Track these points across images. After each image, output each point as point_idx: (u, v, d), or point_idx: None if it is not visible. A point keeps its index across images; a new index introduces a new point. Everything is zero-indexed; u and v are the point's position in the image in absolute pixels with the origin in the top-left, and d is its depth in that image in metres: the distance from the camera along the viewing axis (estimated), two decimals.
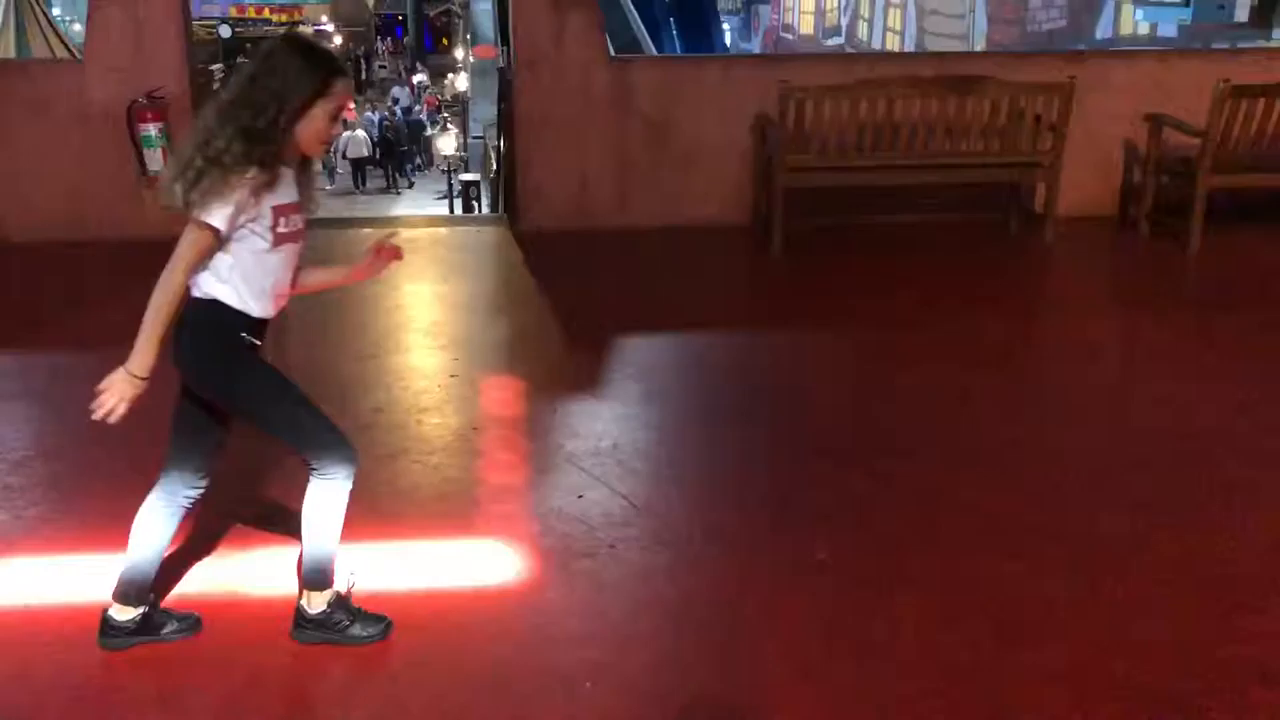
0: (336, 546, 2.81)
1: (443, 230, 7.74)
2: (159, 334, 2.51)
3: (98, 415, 2.51)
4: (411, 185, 28.15)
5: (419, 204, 24.44)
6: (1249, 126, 6.37)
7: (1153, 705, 2.64)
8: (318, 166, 2.89)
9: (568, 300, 5.75)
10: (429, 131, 30.19)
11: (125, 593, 2.84)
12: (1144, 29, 13.38)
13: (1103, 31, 14.50)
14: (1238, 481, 3.77)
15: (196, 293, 2.60)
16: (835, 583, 3.19)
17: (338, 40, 43.04)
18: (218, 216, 2.47)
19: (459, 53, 36.03)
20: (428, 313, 5.78)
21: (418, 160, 29.64)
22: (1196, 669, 2.77)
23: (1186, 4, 11.39)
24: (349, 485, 2.73)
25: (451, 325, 5.63)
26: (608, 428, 4.23)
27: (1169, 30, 12.68)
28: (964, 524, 3.50)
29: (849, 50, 20.57)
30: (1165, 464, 3.93)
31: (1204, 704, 2.65)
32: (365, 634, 2.86)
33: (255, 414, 2.72)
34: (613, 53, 7.49)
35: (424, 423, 4.31)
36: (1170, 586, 3.14)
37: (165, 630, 2.90)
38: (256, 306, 2.63)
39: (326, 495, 2.73)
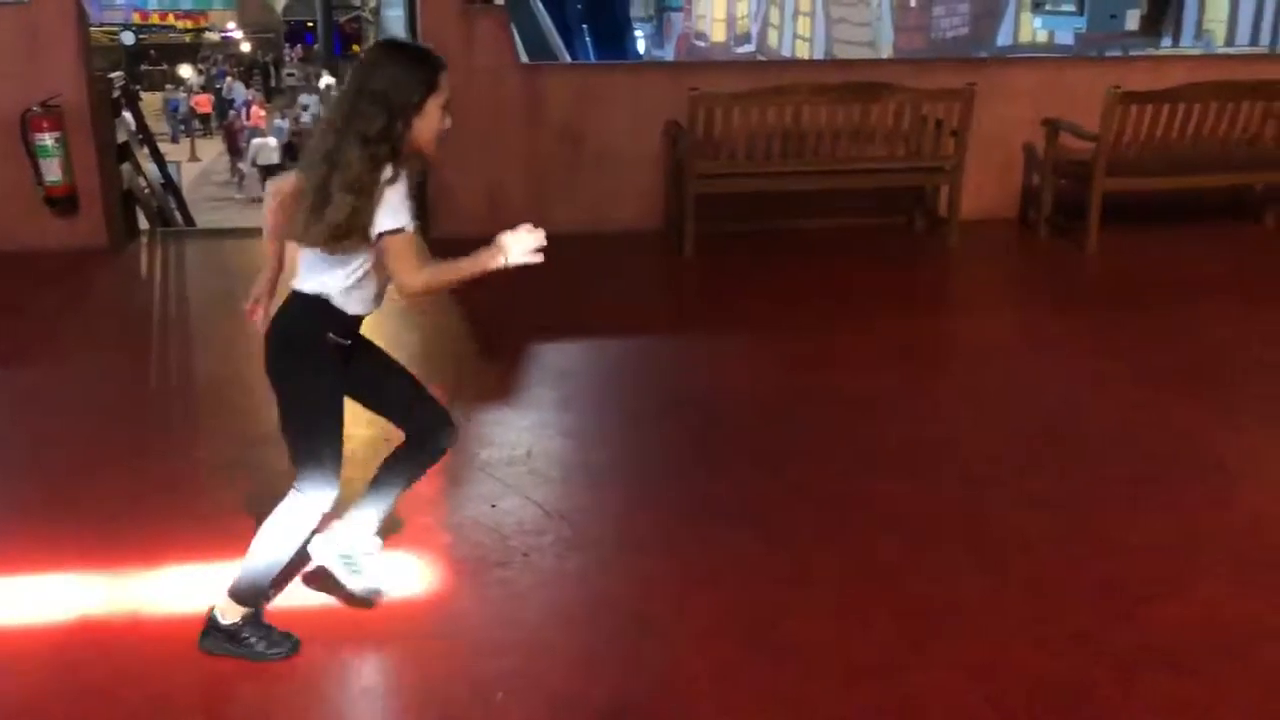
0: (275, 571, 2.81)
1: None
2: (463, 269, 2.64)
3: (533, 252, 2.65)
4: None
5: None
6: (1140, 131, 6.62)
7: (1056, 692, 2.73)
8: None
9: (481, 308, 5.72)
10: None
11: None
12: (1042, 36, 13.77)
13: (1004, 39, 14.88)
14: (1138, 476, 3.92)
15: (305, 287, 2.65)
16: (748, 582, 3.23)
17: (246, 47, 42.25)
18: (402, 215, 2.52)
19: None
20: None
21: None
22: (1097, 657, 2.87)
23: (1081, 13, 11.77)
24: (317, 519, 2.77)
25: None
26: (522, 435, 4.23)
27: (1066, 38, 13.08)
28: (873, 522, 3.57)
29: (761, 58, 20.81)
30: (1066, 460, 4.05)
31: (1105, 692, 2.75)
32: (272, 652, 2.82)
33: (288, 409, 2.74)
34: (526, 59, 7.49)
35: None
36: (1071, 579, 3.25)
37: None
38: (360, 305, 2.69)
39: (294, 516, 2.75)
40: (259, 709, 2.70)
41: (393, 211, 2.53)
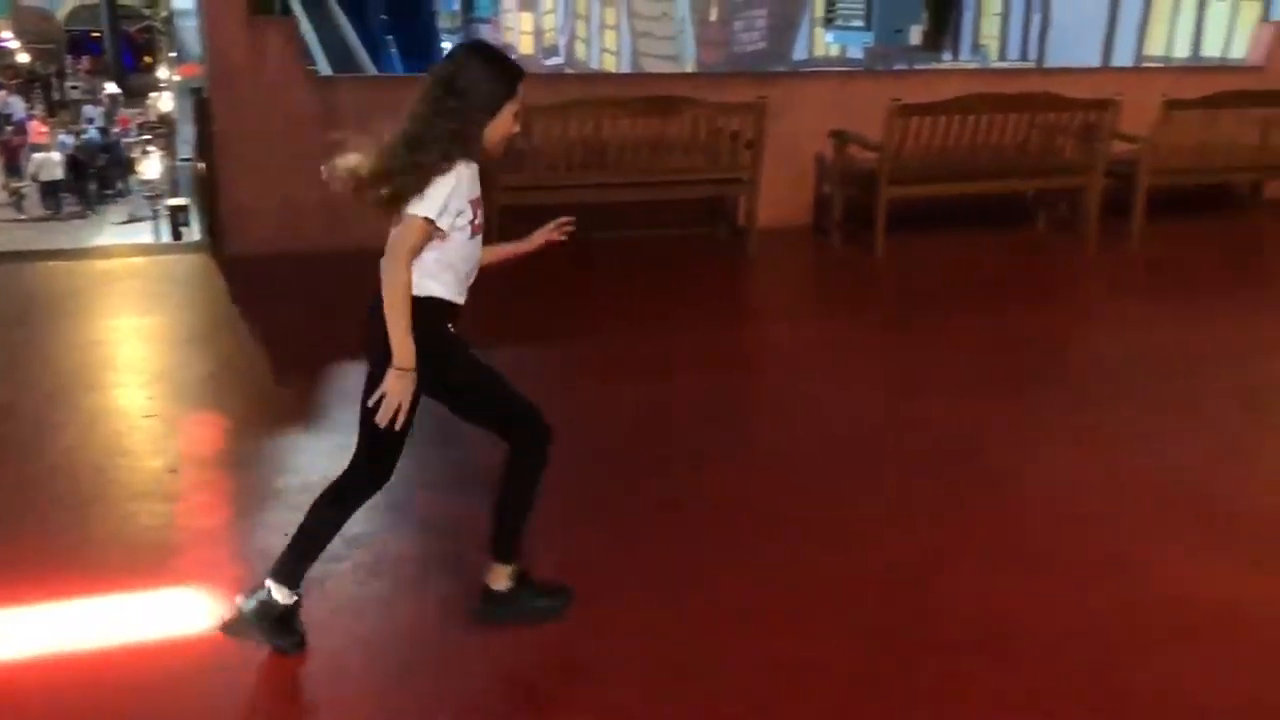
0: (525, 520, 3.02)
1: (140, 260, 7.28)
2: (405, 325, 2.70)
3: (384, 420, 2.72)
4: (101, 209, 26.14)
5: (123, 232, 22.83)
6: (919, 141, 6.99)
7: (934, 663, 2.85)
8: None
9: (276, 328, 5.54)
10: (130, 153, 28.28)
11: (293, 572, 2.92)
12: (835, 50, 14.42)
13: (800, 53, 15.51)
14: (917, 473, 4.12)
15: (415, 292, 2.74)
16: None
17: (24, 58, 39.53)
18: (433, 208, 2.67)
19: (163, 71, 33.92)
20: (124, 348, 5.42)
21: (119, 185, 27.66)
22: (967, 629, 3.03)
23: (869, 28, 12.37)
24: (547, 457, 2.97)
25: (150, 360, 5.30)
26: (319, 460, 4.09)
27: (857, 53, 13.72)
28: (668, 532, 3.64)
29: (569, 71, 20.97)
30: (848, 459, 4.23)
31: (976, 660, 2.90)
32: (550, 605, 3.06)
33: (464, 399, 2.93)
34: (330, 71, 7.30)
35: (120, 467, 4.04)
36: (857, 568, 3.39)
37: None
38: (459, 295, 2.84)
39: (526, 467, 2.96)
40: None
41: (429, 200, 2.67)
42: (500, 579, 3.04)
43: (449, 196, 2.68)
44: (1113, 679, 2.89)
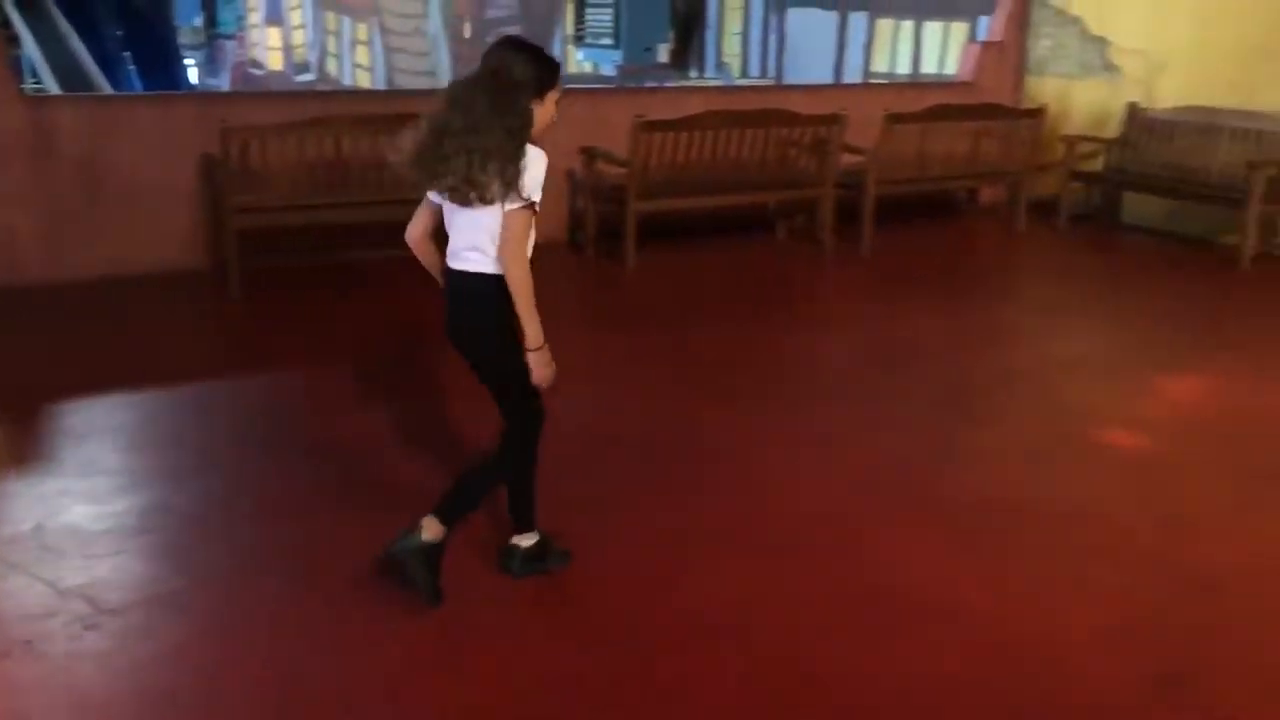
0: (533, 486, 3.35)
1: None
2: (534, 309, 3.02)
3: (546, 382, 3.13)
4: None
5: None
6: (664, 156, 7.18)
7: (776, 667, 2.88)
8: None
9: None
10: None
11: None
12: (589, 68, 14.64)
13: None
14: (668, 472, 4.23)
15: (483, 268, 3.04)
16: (280, 637, 3.11)
17: None
18: (535, 191, 2.95)
19: None
20: None
21: None
22: (828, 609, 3.06)
23: (618, 46, 12.63)
24: (540, 432, 3.29)
25: None
26: (30, 507, 3.80)
27: (610, 70, 13.98)
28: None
29: (323, 88, 20.34)
30: (611, 462, 4.30)
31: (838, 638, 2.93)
32: (560, 563, 3.45)
33: (511, 381, 3.15)
34: (59, 90, 6.78)
35: None
36: (604, 572, 3.44)
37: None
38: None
39: (522, 444, 3.26)
40: None
41: (527, 188, 2.94)
42: (526, 540, 3.39)
43: (540, 177, 2.97)
44: (803, 662, 3.05)
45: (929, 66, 11.00)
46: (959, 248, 8.54)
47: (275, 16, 23.07)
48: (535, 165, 2.96)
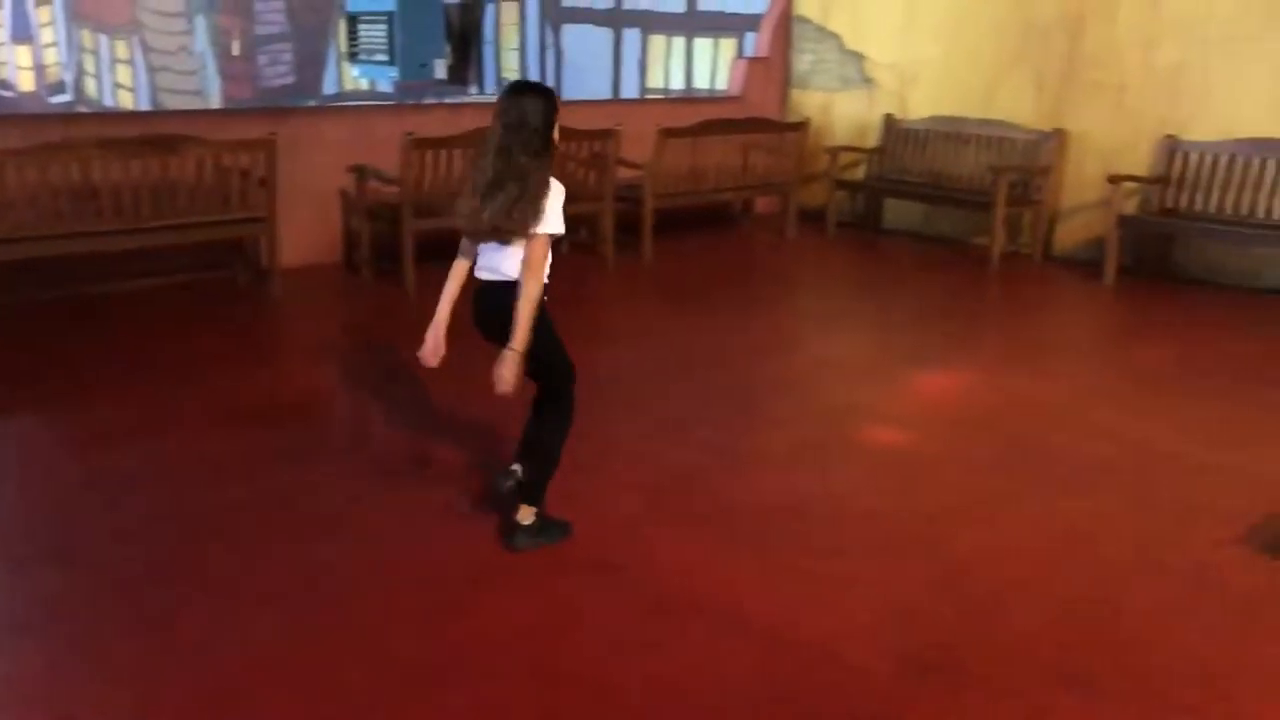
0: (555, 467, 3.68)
1: None
2: (530, 323, 3.40)
3: (500, 390, 3.40)
4: None
5: None
6: (439, 174, 7.07)
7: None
8: None
9: None
10: None
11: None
12: (366, 85, 14.28)
13: (331, 87, 15.19)
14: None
15: (509, 278, 3.46)
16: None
17: None
18: (557, 224, 3.43)
19: None
20: None
21: None
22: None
23: (394, 63, 12.37)
24: (574, 408, 3.69)
25: None
26: None
27: (387, 86, 13.68)
28: (206, 589, 3.37)
29: (82, 109, 19.08)
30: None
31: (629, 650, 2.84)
32: (561, 536, 3.76)
33: (547, 359, 3.55)
34: None
35: None
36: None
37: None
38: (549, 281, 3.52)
39: (559, 416, 3.66)
40: None
41: (549, 219, 3.40)
42: (528, 516, 3.68)
43: (558, 208, 3.41)
44: (598, 677, 3.06)
45: (701, 82, 11.28)
46: (734, 257, 8.78)
47: (24, 34, 21.54)
48: (555, 198, 3.41)
